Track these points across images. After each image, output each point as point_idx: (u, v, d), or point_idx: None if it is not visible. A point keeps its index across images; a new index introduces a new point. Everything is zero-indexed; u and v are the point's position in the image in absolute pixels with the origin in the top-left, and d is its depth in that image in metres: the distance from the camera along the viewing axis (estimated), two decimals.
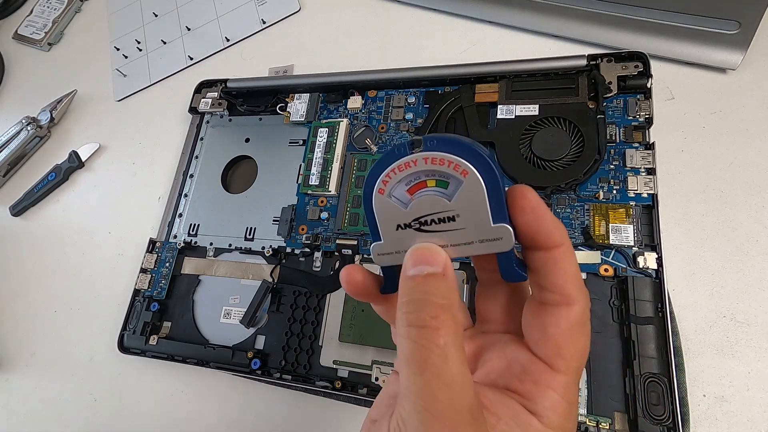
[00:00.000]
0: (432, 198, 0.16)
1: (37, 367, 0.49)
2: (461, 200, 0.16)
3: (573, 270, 0.17)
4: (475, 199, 0.16)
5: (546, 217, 0.16)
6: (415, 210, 0.16)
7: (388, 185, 0.16)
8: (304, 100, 0.47)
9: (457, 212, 0.16)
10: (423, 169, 0.16)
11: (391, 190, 0.16)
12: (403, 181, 0.16)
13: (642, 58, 0.37)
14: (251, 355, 0.39)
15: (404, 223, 0.17)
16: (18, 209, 0.58)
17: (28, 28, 0.71)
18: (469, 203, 0.16)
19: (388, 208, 0.17)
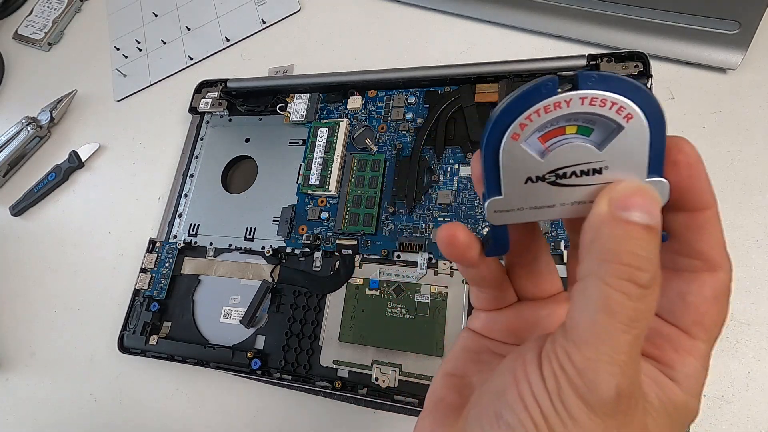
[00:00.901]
0: (577, 146, 0.14)
1: (37, 367, 0.49)
2: (617, 149, 0.14)
3: (720, 234, 0.16)
4: (635, 148, 0.13)
5: (702, 176, 0.15)
6: (554, 160, 0.14)
7: (525, 129, 0.13)
8: (304, 100, 0.47)
9: (607, 163, 0.14)
10: (572, 112, 0.13)
11: (528, 136, 0.14)
12: (543, 126, 0.13)
13: (642, 58, 0.37)
14: (251, 355, 0.39)
15: (537, 176, 0.14)
16: (18, 209, 0.58)
17: (28, 28, 0.71)
18: (626, 153, 0.14)
19: (520, 157, 0.14)
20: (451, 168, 0.40)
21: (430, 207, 0.39)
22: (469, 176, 0.39)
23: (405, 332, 0.36)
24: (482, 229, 0.37)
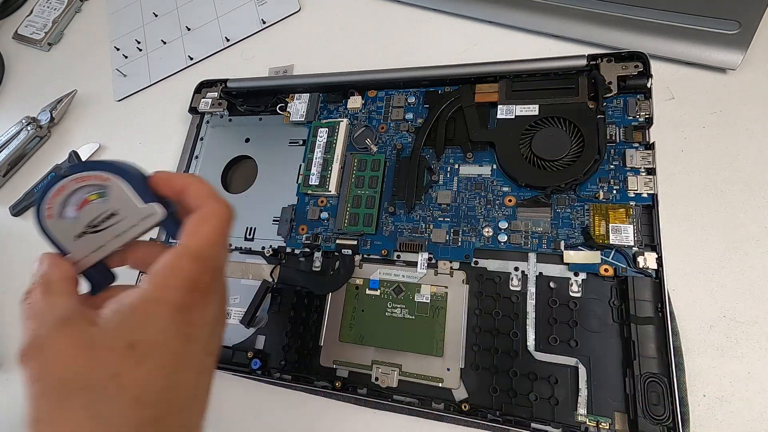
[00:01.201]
0: (94, 206, 0.22)
1: None
2: (114, 199, 0.22)
3: (202, 190, 0.23)
4: (124, 192, 0.22)
5: (170, 178, 0.23)
6: (84, 219, 0.22)
7: (53, 209, 0.22)
8: (304, 100, 0.47)
9: (116, 208, 0.22)
10: (77, 187, 0.22)
11: (60, 213, 0.22)
12: (68, 203, 0.22)
13: (642, 58, 0.37)
14: (251, 355, 0.39)
15: (81, 232, 0.22)
16: (18, 209, 0.58)
17: (28, 28, 0.71)
18: (122, 197, 0.22)
19: (61, 226, 0.22)
20: (451, 168, 0.40)
21: (430, 207, 0.39)
22: (469, 176, 0.39)
23: (405, 332, 0.36)
24: (482, 229, 0.37)
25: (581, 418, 0.31)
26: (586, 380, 0.31)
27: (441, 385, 0.34)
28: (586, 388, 0.31)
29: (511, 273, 0.35)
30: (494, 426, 0.32)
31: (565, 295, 0.34)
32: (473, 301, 0.36)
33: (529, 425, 0.31)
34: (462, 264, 0.37)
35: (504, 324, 0.34)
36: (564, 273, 0.34)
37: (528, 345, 0.33)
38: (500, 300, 0.35)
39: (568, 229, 0.35)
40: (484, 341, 0.34)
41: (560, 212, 0.36)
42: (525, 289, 0.35)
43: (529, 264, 0.35)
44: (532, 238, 0.36)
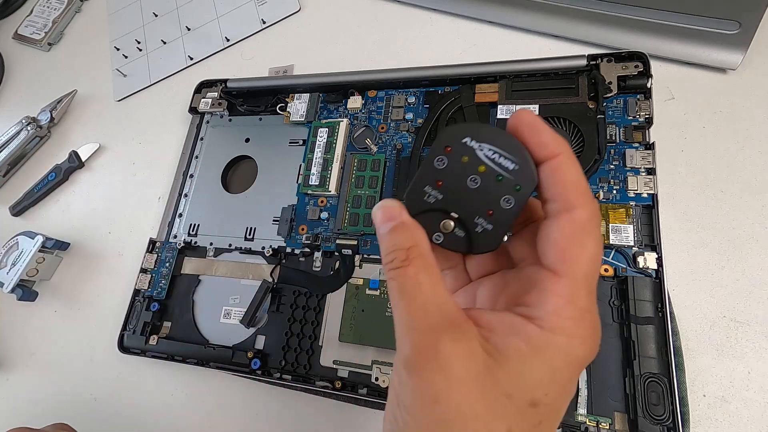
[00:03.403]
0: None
1: (37, 367, 0.49)
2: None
3: (573, 177, 0.17)
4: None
5: (538, 131, 0.17)
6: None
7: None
8: (304, 100, 0.47)
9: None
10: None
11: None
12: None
13: (642, 58, 0.37)
14: (251, 355, 0.39)
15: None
16: (18, 209, 0.58)
17: (28, 28, 0.71)
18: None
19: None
20: None
21: None
22: None
23: None
24: None
25: (581, 418, 0.31)
26: (586, 380, 0.31)
27: None
28: (586, 388, 0.31)
29: None
30: None
31: None
32: None
33: None
34: None
35: None
36: None
37: None
38: None
39: None
40: None
41: None
42: None
43: None
44: None
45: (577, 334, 0.16)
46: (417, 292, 0.17)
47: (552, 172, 0.17)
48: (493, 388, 0.15)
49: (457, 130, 0.19)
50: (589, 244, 0.17)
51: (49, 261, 0.52)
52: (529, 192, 0.18)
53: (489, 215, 0.18)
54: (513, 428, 0.15)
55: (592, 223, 0.17)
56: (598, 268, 0.17)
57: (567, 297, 0.16)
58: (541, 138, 0.17)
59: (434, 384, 0.15)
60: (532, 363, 0.16)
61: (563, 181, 0.17)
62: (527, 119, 0.18)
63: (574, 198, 0.17)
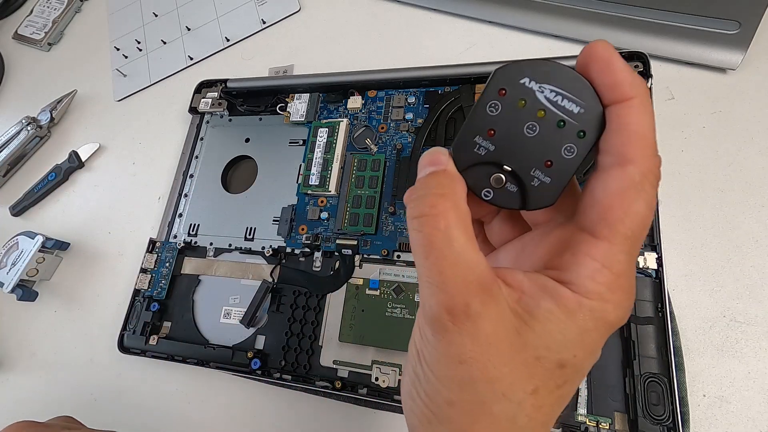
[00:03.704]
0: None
1: (37, 367, 0.49)
2: None
3: (640, 127, 0.15)
4: None
5: (613, 67, 0.15)
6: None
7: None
8: (304, 100, 0.47)
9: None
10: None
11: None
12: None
13: (642, 58, 0.37)
14: (251, 355, 0.39)
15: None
16: (18, 209, 0.58)
17: (28, 28, 0.71)
18: None
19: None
20: None
21: None
22: None
23: (405, 332, 0.36)
24: None
25: (581, 418, 0.31)
26: (586, 380, 0.31)
27: None
28: (586, 388, 0.31)
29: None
30: None
31: None
32: None
33: None
34: None
35: None
36: None
37: None
38: None
39: None
40: None
41: None
42: None
43: None
44: None
45: (612, 299, 0.15)
46: (449, 249, 0.15)
47: (617, 118, 0.15)
48: (522, 350, 0.15)
49: (514, 69, 0.16)
50: (636, 205, 0.15)
51: (49, 261, 0.52)
52: (595, 138, 0.16)
53: (547, 166, 0.16)
54: (540, 388, 0.15)
55: (647, 182, 0.15)
56: (644, 233, 0.15)
57: (603, 261, 0.15)
58: (615, 77, 0.15)
59: (461, 346, 0.15)
60: (564, 326, 0.15)
61: (627, 131, 0.15)
62: (601, 53, 0.15)
63: (632, 151, 0.15)
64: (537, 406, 0.15)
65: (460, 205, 0.16)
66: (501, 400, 0.15)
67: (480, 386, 0.15)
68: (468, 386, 0.15)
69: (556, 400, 0.16)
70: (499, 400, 0.15)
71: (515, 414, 0.15)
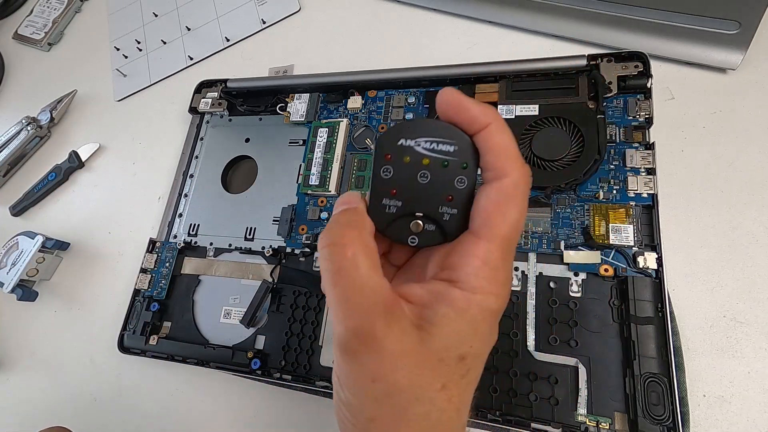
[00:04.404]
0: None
1: (37, 367, 0.49)
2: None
3: (502, 145, 0.18)
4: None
5: (463, 106, 0.18)
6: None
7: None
8: (304, 100, 0.47)
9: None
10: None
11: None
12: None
13: (642, 58, 0.37)
14: (251, 355, 0.39)
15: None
16: (18, 209, 0.58)
17: (28, 28, 0.71)
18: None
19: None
20: None
21: None
22: None
23: None
24: None
25: (581, 418, 0.31)
26: (586, 380, 0.31)
27: None
28: (586, 388, 0.31)
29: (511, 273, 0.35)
30: (494, 426, 0.32)
31: (565, 295, 0.34)
32: None
33: (529, 425, 0.31)
34: None
35: (504, 324, 0.34)
36: (564, 273, 0.34)
37: (528, 345, 0.33)
38: None
39: (568, 229, 0.35)
40: None
41: (560, 212, 0.36)
42: (525, 289, 0.35)
43: (529, 264, 0.35)
44: (532, 238, 0.36)
45: (492, 290, 0.18)
46: (356, 275, 0.17)
47: (484, 143, 0.18)
48: (427, 357, 0.17)
49: (388, 136, 0.19)
50: (510, 211, 0.18)
51: (49, 261, 0.52)
52: (476, 165, 0.19)
53: (449, 201, 0.19)
54: (447, 383, 0.17)
55: (518, 190, 0.18)
56: (516, 233, 0.18)
57: (484, 258, 0.18)
58: (468, 113, 0.18)
59: (370, 366, 0.17)
60: (458, 324, 0.17)
61: (493, 150, 0.18)
62: (451, 99, 0.18)
63: (503, 165, 0.18)
64: (447, 398, 0.17)
65: (366, 237, 0.18)
66: (415, 404, 0.17)
67: (394, 398, 0.17)
68: (384, 401, 0.17)
69: (464, 387, 0.18)
70: (413, 405, 0.17)
71: (429, 411, 0.17)
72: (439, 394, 0.17)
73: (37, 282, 0.52)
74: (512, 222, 0.18)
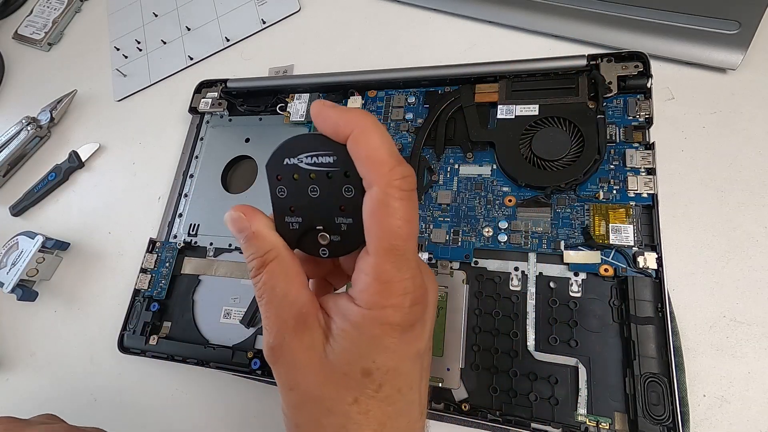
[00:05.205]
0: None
1: (37, 367, 0.49)
2: None
3: (366, 152, 0.17)
4: None
5: (327, 114, 0.18)
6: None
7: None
8: (304, 100, 0.47)
9: None
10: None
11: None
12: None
13: (642, 58, 0.37)
14: (251, 355, 0.39)
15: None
16: (18, 209, 0.58)
17: (28, 28, 0.71)
18: None
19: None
20: (451, 168, 0.40)
21: (430, 207, 0.39)
22: (469, 176, 0.39)
23: None
24: (482, 229, 0.37)
25: (581, 418, 0.31)
26: (586, 380, 0.31)
27: (441, 385, 0.34)
28: (586, 388, 0.31)
29: (511, 273, 0.35)
30: (494, 426, 0.32)
31: (565, 295, 0.34)
32: (473, 301, 0.36)
33: (529, 425, 0.31)
34: (462, 264, 0.37)
35: (504, 324, 0.34)
36: (564, 273, 0.34)
37: (528, 345, 0.33)
38: (500, 300, 0.35)
39: (568, 229, 0.35)
40: (484, 341, 0.34)
41: (560, 212, 0.36)
42: (525, 289, 0.35)
43: (529, 264, 0.35)
44: (532, 238, 0.36)
45: (387, 304, 0.17)
46: (272, 296, 0.18)
47: (351, 152, 0.17)
48: (332, 369, 0.18)
49: (274, 156, 0.20)
50: (387, 220, 0.16)
51: (49, 261, 0.52)
52: (357, 172, 0.18)
53: (343, 210, 0.19)
54: (359, 398, 0.18)
55: (390, 197, 0.16)
56: (403, 240, 0.17)
57: (372, 273, 0.17)
58: (330, 123, 0.17)
59: (286, 375, 0.19)
60: (355, 339, 0.18)
61: (359, 158, 0.17)
62: (315, 110, 0.18)
63: (368, 173, 0.17)
64: (363, 412, 0.17)
65: (281, 254, 0.19)
66: (329, 415, 0.18)
67: (310, 406, 0.18)
68: (302, 408, 0.18)
69: (382, 402, 0.18)
70: (327, 415, 0.18)
71: (345, 424, 0.17)
72: (351, 407, 0.17)
73: (37, 282, 0.52)
74: (392, 231, 0.16)
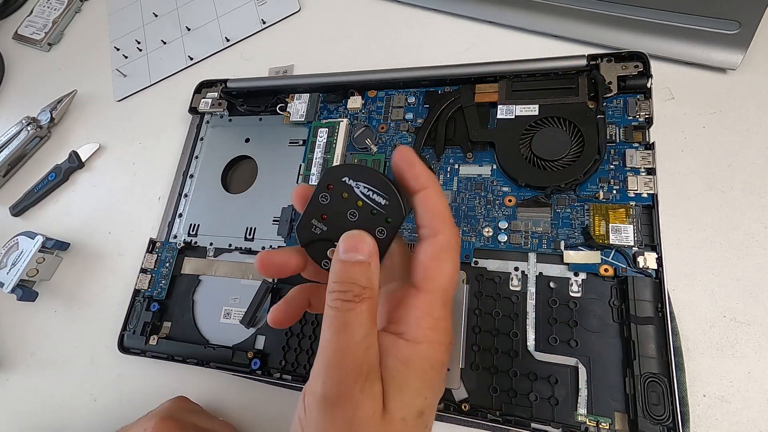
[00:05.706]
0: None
1: (37, 367, 0.49)
2: None
3: (438, 207, 0.20)
4: None
5: (414, 164, 0.20)
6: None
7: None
8: (304, 100, 0.47)
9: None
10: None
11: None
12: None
13: (642, 58, 0.37)
14: (251, 355, 0.39)
15: None
16: (18, 209, 0.58)
17: (28, 28, 0.71)
18: None
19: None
20: (451, 168, 0.40)
21: None
22: (469, 176, 0.39)
23: None
24: (482, 229, 0.37)
25: (581, 418, 0.31)
26: (586, 380, 0.31)
27: None
28: (586, 388, 0.31)
29: (511, 273, 0.35)
30: (494, 426, 0.32)
31: (565, 295, 0.34)
32: (473, 301, 0.36)
33: (529, 425, 0.31)
34: (462, 264, 0.37)
35: (504, 324, 0.34)
36: (564, 273, 0.34)
37: (528, 345, 0.33)
38: (500, 300, 0.35)
39: (568, 229, 0.35)
40: (484, 341, 0.34)
41: (560, 212, 0.36)
42: (525, 289, 0.35)
43: (529, 264, 0.35)
44: (532, 238, 0.36)
45: (435, 339, 0.19)
46: (357, 332, 0.18)
47: (422, 202, 0.20)
48: (392, 419, 0.18)
49: (338, 170, 0.21)
50: (446, 265, 0.19)
51: (49, 261, 0.52)
52: (398, 224, 0.21)
53: None
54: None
55: (451, 247, 0.20)
56: (453, 285, 0.20)
57: (425, 309, 0.19)
58: (414, 171, 0.20)
59: (343, 425, 0.18)
60: (408, 377, 0.18)
61: (430, 210, 0.20)
62: (405, 154, 0.20)
63: (438, 224, 0.20)
64: None
65: (376, 294, 0.19)
66: None
67: None
68: None
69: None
70: None
71: None
72: None
73: (37, 282, 0.52)
74: (448, 274, 0.19)
